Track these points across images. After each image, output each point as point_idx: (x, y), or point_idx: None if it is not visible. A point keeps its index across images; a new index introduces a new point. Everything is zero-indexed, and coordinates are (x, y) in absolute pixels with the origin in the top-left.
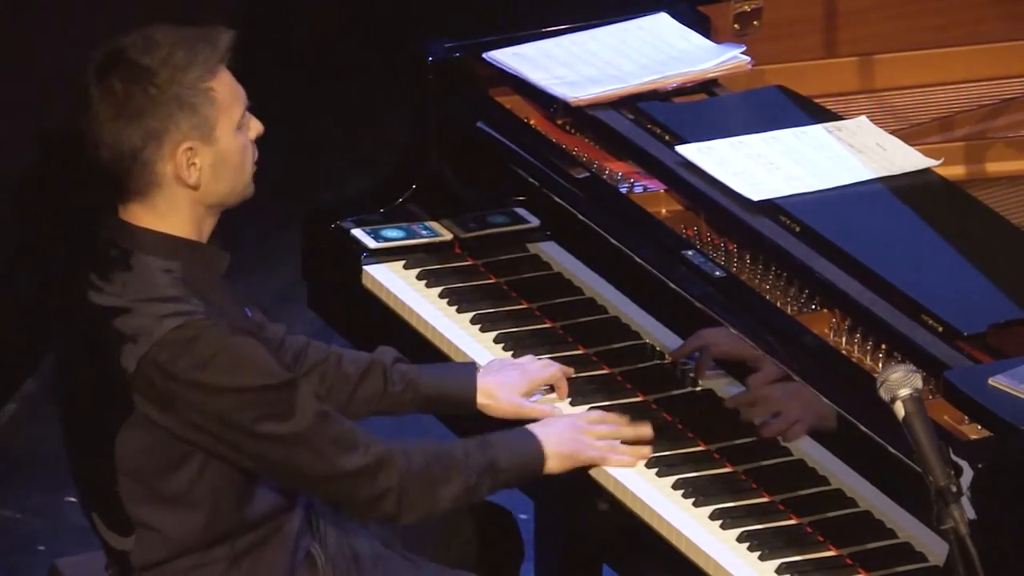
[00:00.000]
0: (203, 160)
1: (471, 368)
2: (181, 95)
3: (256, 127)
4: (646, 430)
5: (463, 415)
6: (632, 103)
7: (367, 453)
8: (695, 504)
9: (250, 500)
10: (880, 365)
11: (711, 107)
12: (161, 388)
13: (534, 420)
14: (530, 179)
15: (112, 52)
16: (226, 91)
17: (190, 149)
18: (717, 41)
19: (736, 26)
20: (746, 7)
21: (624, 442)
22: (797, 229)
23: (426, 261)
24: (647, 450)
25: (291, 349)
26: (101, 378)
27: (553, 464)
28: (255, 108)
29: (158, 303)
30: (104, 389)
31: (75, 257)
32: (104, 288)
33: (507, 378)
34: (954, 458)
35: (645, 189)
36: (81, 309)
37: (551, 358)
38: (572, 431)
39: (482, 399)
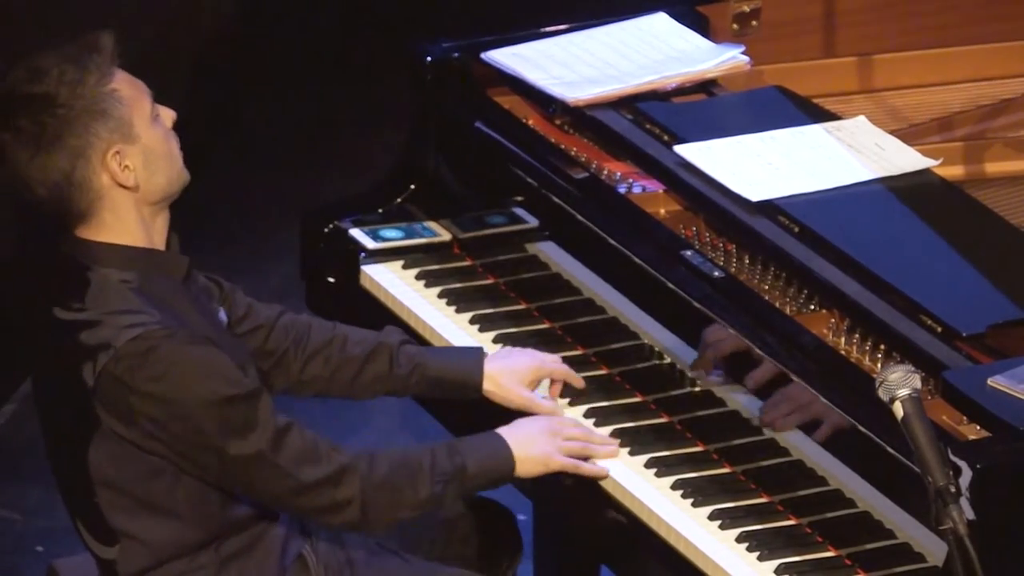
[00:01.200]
0: (134, 160)
1: (478, 352)
2: (89, 106)
3: (168, 115)
4: (614, 447)
5: (467, 401)
6: (631, 103)
7: (329, 463)
8: (694, 504)
9: (231, 504)
10: (879, 365)
11: (710, 107)
12: (121, 401)
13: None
14: (529, 179)
15: (4, 95)
16: (128, 88)
17: (118, 153)
18: (716, 41)
19: (735, 26)
20: (745, 7)
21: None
22: (796, 229)
23: (425, 261)
24: (616, 452)
25: (291, 332)
26: (68, 392)
27: (524, 468)
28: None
29: (116, 315)
30: (72, 403)
31: (39, 272)
32: (65, 302)
33: (515, 364)
34: (953, 458)
35: (644, 189)
36: (46, 323)
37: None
38: (544, 434)
39: (487, 385)
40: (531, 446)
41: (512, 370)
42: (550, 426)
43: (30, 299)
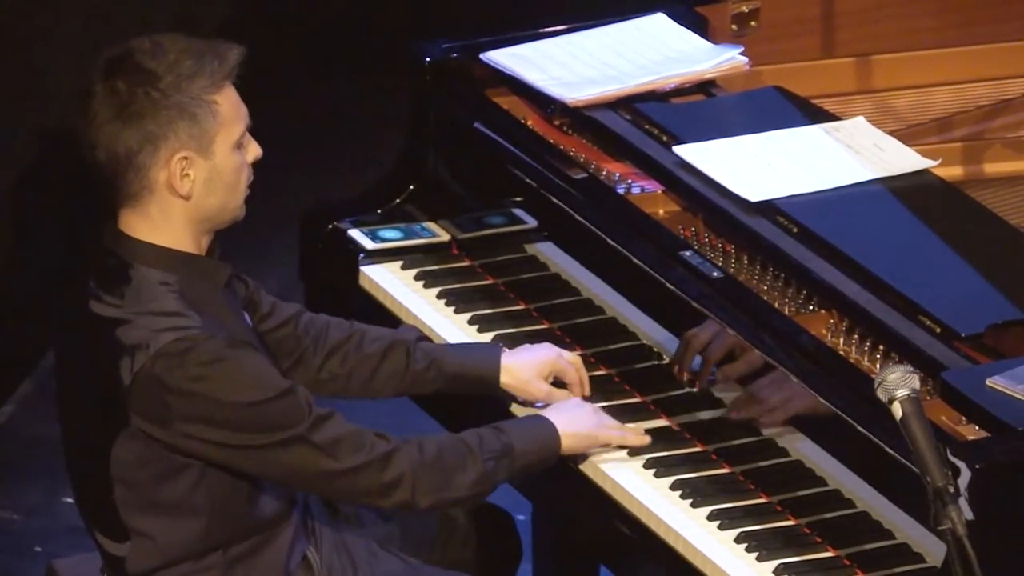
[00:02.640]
0: (197, 172)
1: (496, 348)
2: (183, 103)
3: (255, 150)
4: (646, 438)
5: (466, 401)
6: (630, 104)
7: (374, 448)
8: (693, 505)
9: (249, 509)
10: (878, 366)
11: (709, 108)
12: (156, 402)
13: None
14: (527, 180)
15: (119, 54)
16: (229, 107)
17: (185, 159)
18: (715, 42)
19: (734, 26)
20: (744, 7)
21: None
22: (795, 230)
23: (424, 262)
24: (647, 439)
25: (311, 330)
26: (99, 388)
27: (569, 444)
28: (255, 130)
29: (156, 316)
30: (101, 399)
31: (76, 263)
32: (103, 299)
33: (532, 356)
34: (951, 459)
35: (643, 190)
36: (81, 317)
37: None
38: (587, 412)
39: (505, 378)
40: (575, 423)
41: (529, 362)
42: (592, 407)
43: (63, 290)
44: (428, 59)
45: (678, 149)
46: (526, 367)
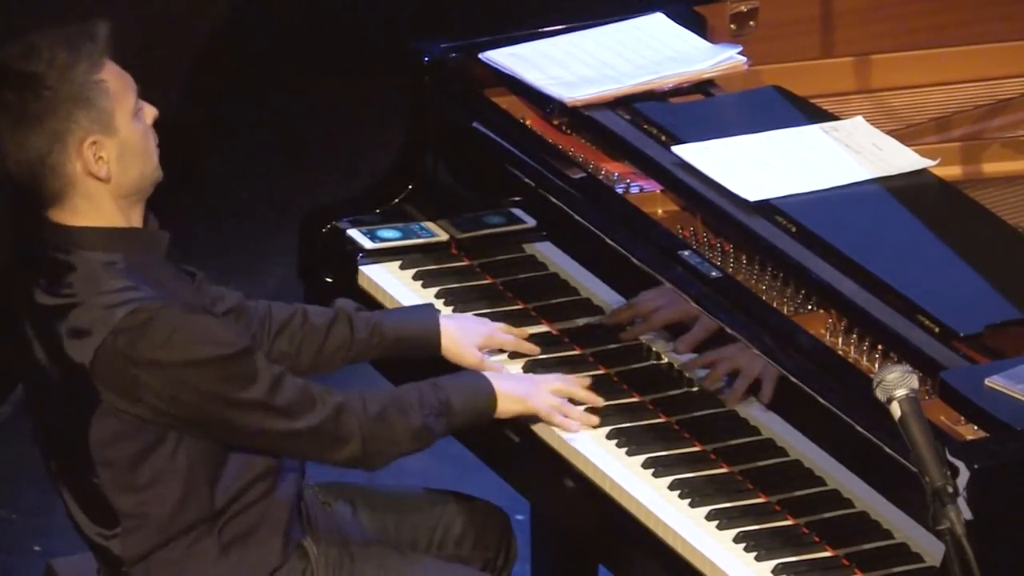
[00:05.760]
0: (109, 152)
1: (431, 308)
2: (75, 92)
3: (151, 112)
4: (598, 399)
5: (424, 359)
6: (628, 103)
7: (325, 406)
8: (691, 505)
9: (223, 474)
10: (876, 365)
11: (707, 107)
12: (122, 374)
13: None
14: (526, 179)
15: None
16: (116, 81)
17: (95, 143)
18: (713, 41)
19: (732, 26)
20: (742, 7)
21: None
22: (793, 229)
23: (422, 261)
24: (595, 419)
25: (256, 315)
26: (64, 376)
27: (504, 406)
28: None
29: (106, 295)
30: (70, 386)
31: (22, 265)
32: (51, 290)
33: (470, 326)
34: (950, 459)
35: (641, 189)
36: (33, 313)
37: (548, 359)
38: (526, 380)
39: (445, 341)
40: (512, 385)
41: (468, 331)
42: (533, 376)
43: (14, 290)
44: (427, 59)
45: (677, 149)
46: (464, 334)
